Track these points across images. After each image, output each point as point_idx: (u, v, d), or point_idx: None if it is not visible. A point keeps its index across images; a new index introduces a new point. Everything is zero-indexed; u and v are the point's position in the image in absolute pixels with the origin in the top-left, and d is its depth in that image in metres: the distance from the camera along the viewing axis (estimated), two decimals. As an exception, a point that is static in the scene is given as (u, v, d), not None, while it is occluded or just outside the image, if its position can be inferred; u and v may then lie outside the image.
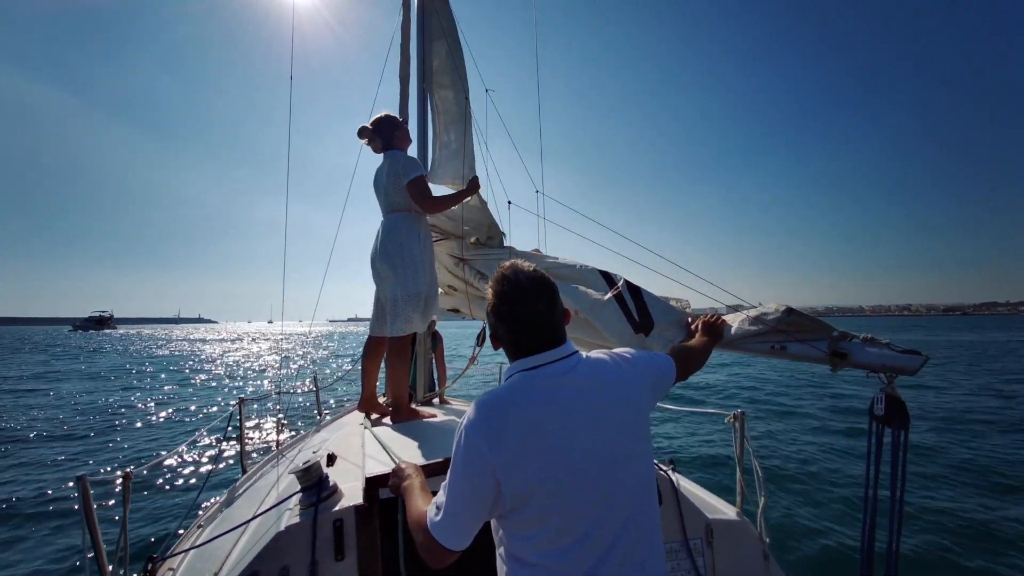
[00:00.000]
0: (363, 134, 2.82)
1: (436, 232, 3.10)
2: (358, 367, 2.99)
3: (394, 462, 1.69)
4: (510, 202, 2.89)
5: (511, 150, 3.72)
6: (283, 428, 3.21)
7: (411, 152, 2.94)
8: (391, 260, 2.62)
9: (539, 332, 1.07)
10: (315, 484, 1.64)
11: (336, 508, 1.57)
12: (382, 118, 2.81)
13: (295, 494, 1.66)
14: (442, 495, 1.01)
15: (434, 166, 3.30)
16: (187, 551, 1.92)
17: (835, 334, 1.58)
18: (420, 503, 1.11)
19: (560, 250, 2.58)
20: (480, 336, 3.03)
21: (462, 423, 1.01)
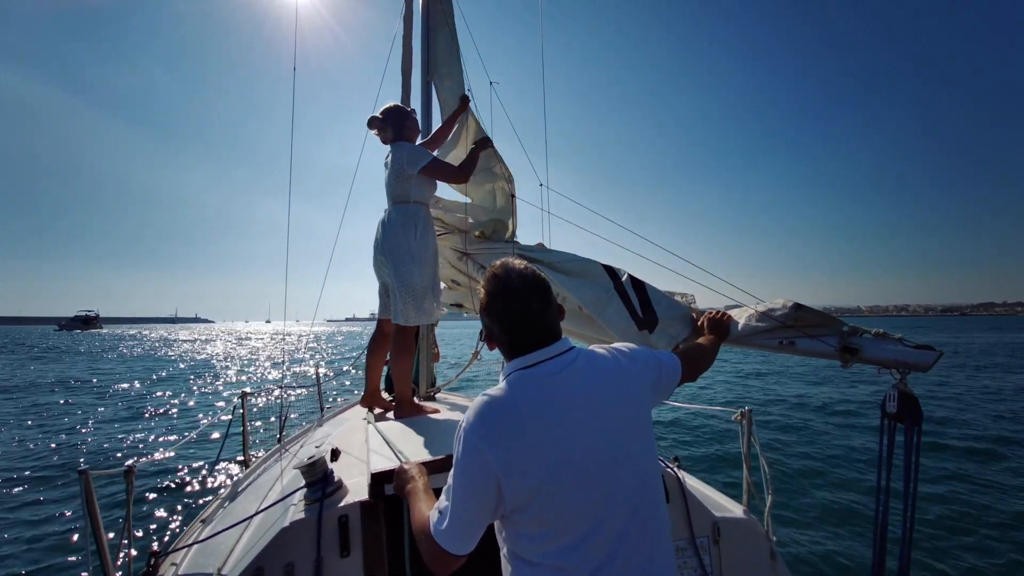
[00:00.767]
0: (373, 124, 2.80)
1: (440, 226, 3.07)
2: (360, 362, 2.98)
3: (399, 459, 1.67)
4: (513, 196, 2.85)
5: (514, 145, 3.68)
6: (285, 423, 3.21)
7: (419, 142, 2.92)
8: (389, 251, 2.62)
9: (533, 330, 1.06)
10: (320, 479, 1.63)
11: (341, 504, 1.55)
12: (392, 108, 2.79)
13: (299, 489, 1.65)
14: (444, 499, 0.99)
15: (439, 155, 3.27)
16: (190, 546, 1.91)
17: (845, 329, 1.54)
18: (424, 507, 1.09)
19: (565, 244, 2.55)
20: (483, 332, 3.00)
21: (461, 425, 1.00)
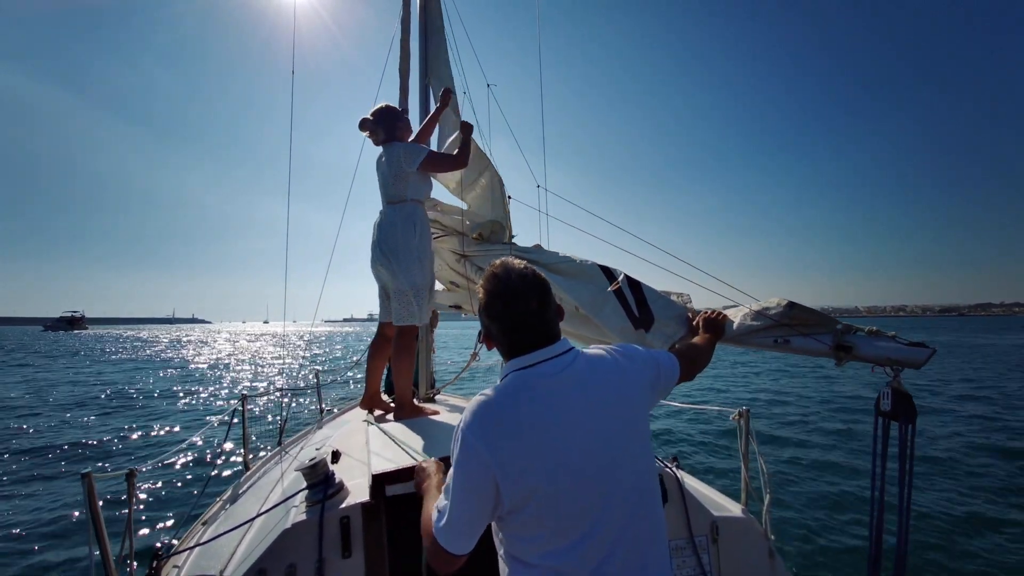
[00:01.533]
0: (364, 126, 2.81)
1: (438, 228, 3.09)
2: (360, 363, 2.99)
3: (412, 458, 1.66)
4: (510, 197, 2.87)
5: (511, 147, 3.70)
6: (285, 425, 3.21)
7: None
8: (389, 251, 2.63)
9: (532, 331, 1.06)
10: (321, 481, 1.63)
11: (343, 505, 1.56)
12: (383, 109, 2.80)
13: (301, 491, 1.65)
14: (443, 499, 1.00)
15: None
16: (192, 548, 1.92)
17: (839, 327, 1.55)
18: (431, 506, 1.09)
19: (562, 246, 2.56)
20: (481, 332, 3.01)
21: (459, 425, 1.00)
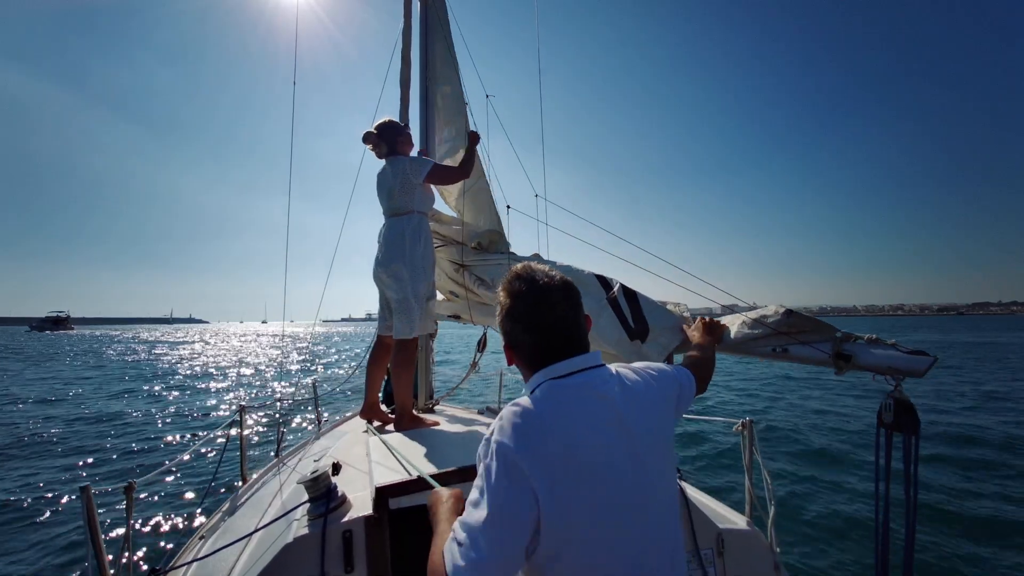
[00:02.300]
0: (368, 140, 2.86)
1: (437, 238, 3.10)
2: (358, 373, 2.99)
3: (412, 473, 1.63)
4: (508, 207, 2.87)
5: (509, 155, 3.71)
6: (282, 436, 3.20)
7: (412, 153, 2.97)
8: (394, 262, 2.64)
9: (564, 335, 0.96)
10: (323, 494, 1.60)
11: (345, 519, 1.53)
12: (386, 124, 2.85)
13: (302, 504, 1.62)
14: (462, 534, 0.81)
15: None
16: (190, 563, 1.90)
17: (839, 335, 1.52)
18: (441, 544, 0.89)
19: (560, 255, 2.56)
20: (481, 342, 2.99)
21: (491, 442, 0.86)
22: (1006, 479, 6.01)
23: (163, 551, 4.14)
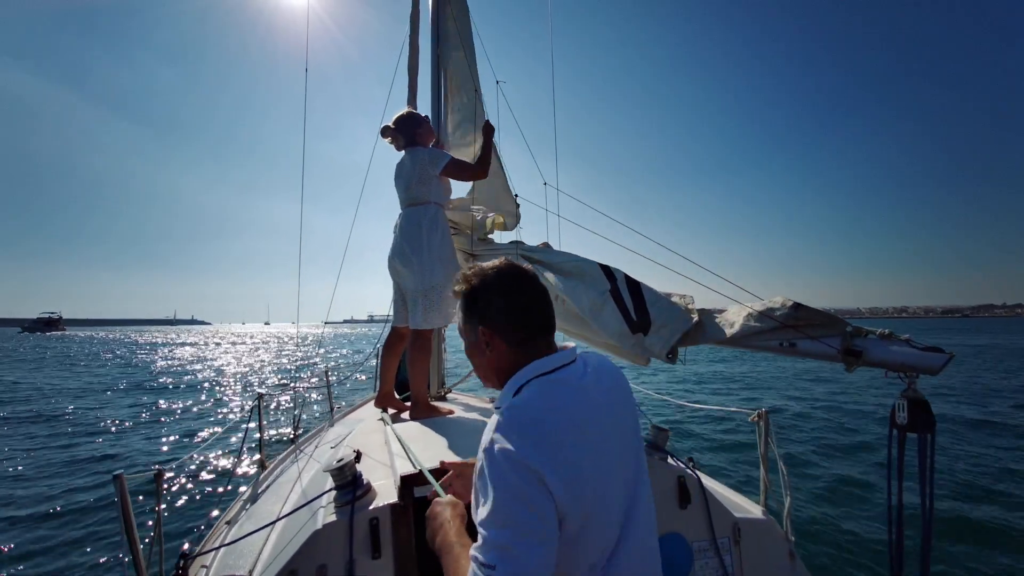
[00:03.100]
0: (386, 133, 2.87)
1: (450, 226, 3.08)
2: (370, 361, 3.03)
3: (423, 465, 1.65)
4: (517, 196, 2.83)
5: (518, 145, 3.64)
6: (299, 423, 3.29)
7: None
8: (411, 252, 2.65)
9: (542, 315, 0.99)
10: (350, 482, 1.63)
11: (371, 507, 1.56)
12: (404, 116, 2.85)
13: (328, 491, 1.65)
14: (491, 552, 0.76)
15: (450, 141, 3.30)
16: (217, 548, 1.98)
17: (849, 330, 1.43)
18: (464, 565, 0.84)
19: (568, 244, 2.51)
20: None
21: (492, 450, 0.83)
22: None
23: (191, 535, 4.27)
